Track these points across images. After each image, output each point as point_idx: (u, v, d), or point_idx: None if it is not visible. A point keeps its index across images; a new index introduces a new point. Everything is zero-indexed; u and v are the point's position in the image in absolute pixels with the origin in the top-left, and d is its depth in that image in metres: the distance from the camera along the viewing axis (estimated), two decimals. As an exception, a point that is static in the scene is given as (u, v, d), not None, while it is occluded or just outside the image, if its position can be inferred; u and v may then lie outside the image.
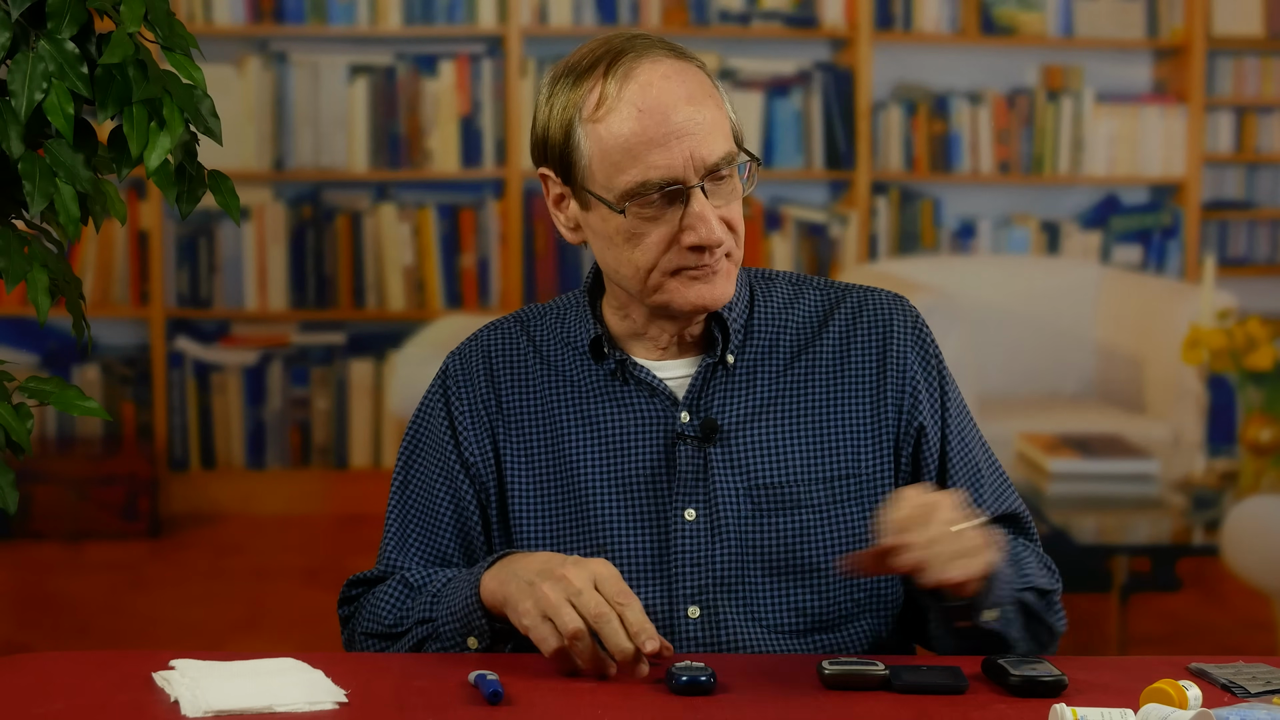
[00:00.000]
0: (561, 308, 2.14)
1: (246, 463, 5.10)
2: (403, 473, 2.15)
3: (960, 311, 4.83)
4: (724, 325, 2.06)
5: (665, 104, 1.96)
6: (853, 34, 5.14)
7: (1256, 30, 5.23)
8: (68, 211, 1.82)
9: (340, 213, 5.12)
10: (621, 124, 1.97)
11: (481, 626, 1.93)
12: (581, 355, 2.09)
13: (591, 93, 1.98)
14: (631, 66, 1.98)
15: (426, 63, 5.11)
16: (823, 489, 2.04)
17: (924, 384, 2.08)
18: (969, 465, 2.09)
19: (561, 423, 2.07)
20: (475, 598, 1.93)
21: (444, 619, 1.96)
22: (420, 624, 1.99)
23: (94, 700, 1.77)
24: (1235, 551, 4.41)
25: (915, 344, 2.09)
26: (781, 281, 2.13)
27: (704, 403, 2.05)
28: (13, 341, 4.91)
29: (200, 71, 1.87)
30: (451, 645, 1.96)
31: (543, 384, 2.10)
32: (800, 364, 2.08)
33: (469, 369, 2.12)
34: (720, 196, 1.99)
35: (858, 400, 2.07)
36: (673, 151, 1.96)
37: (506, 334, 2.13)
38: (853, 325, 2.09)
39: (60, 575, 4.87)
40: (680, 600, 2.02)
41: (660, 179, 1.96)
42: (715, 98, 2.00)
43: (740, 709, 1.76)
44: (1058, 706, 1.69)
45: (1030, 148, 5.23)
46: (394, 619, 2.03)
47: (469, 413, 2.10)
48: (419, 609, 2.00)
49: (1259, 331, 4.66)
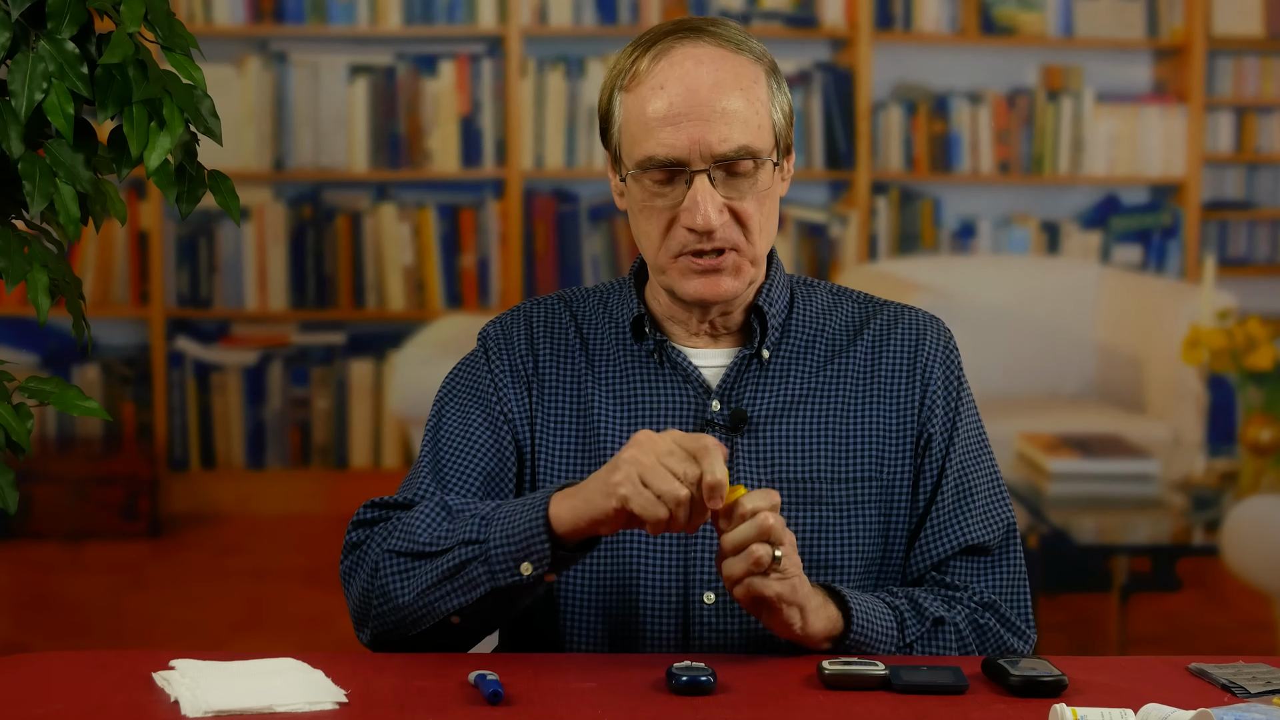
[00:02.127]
0: (605, 291, 2.18)
1: (246, 463, 5.09)
2: (437, 416, 2.14)
3: (960, 311, 4.83)
4: (763, 318, 2.08)
5: (686, 86, 2.00)
6: (853, 34, 5.14)
7: (1256, 30, 5.23)
8: (68, 211, 1.82)
9: (340, 213, 5.12)
10: (644, 98, 2.02)
11: (542, 551, 1.90)
12: (622, 334, 2.12)
13: (633, 64, 2.04)
14: (671, 45, 2.03)
15: (426, 63, 5.11)
16: (844, 488, 2.07)
17: (941, 399, 2.11)
18: (961, 488, 2.11)
19: (594, 397, 2.10)
20: (541, 520, 1.90)
21: (497, 540, 1.93)
22: (465, 544, 1.95)
23: (94, 700, 1.77)
24: (1235, 551, 4.41)
25: (943, 361, 2.13)
26: (822, 290, 2.18)
27: (736, 393, 2.08)
28: (13, 341, 4.90)
29: (200, 71, 1.87)
30: (501, 570, 1.92)
31: (580, 358, 2.12)
32: (833, 367, 2.11)
33: (509, 335, 2.14)
34: (734, 189, 2.02)
35: (885, 406, 2.10)
36: (680, 133, 1.99)
37: (549, 308, 2.16)
38: (887, 335, 2.13)
39: (60, 575, 4.87)
40: (697, 585, 2.04)
41: (665, 157, 2.00)
42: (752, 92, 2.02)
43: (740, 709, 1.76)
44: (1058, 706, 1.69)
45: (1030, 148, 5.23)
46: (430, 537, 1.98)
47: (509, 373, 2.12)
48: (464, 529, 1.96)
49: (1259, 331, 4.66)
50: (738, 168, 2.01)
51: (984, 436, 2.16)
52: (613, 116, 2.07)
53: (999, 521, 2.12)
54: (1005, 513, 2.14)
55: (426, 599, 1.97)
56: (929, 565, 2.09)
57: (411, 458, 4.99)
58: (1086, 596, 4.52)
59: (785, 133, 2.07)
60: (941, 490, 2.10)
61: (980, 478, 2.13)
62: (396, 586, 1.99)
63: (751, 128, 2.01)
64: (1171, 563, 4.41)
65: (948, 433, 2.11)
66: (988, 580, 2.10)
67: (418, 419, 4.84)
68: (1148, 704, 1.68)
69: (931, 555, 2.09)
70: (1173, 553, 4.49)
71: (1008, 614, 2.09)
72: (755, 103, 2.02)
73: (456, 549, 1.95)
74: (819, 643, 1.96)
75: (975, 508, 2.11)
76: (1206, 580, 4.67)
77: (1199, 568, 4.62)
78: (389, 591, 2.00)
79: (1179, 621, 4.64)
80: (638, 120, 2.02)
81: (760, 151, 2.02)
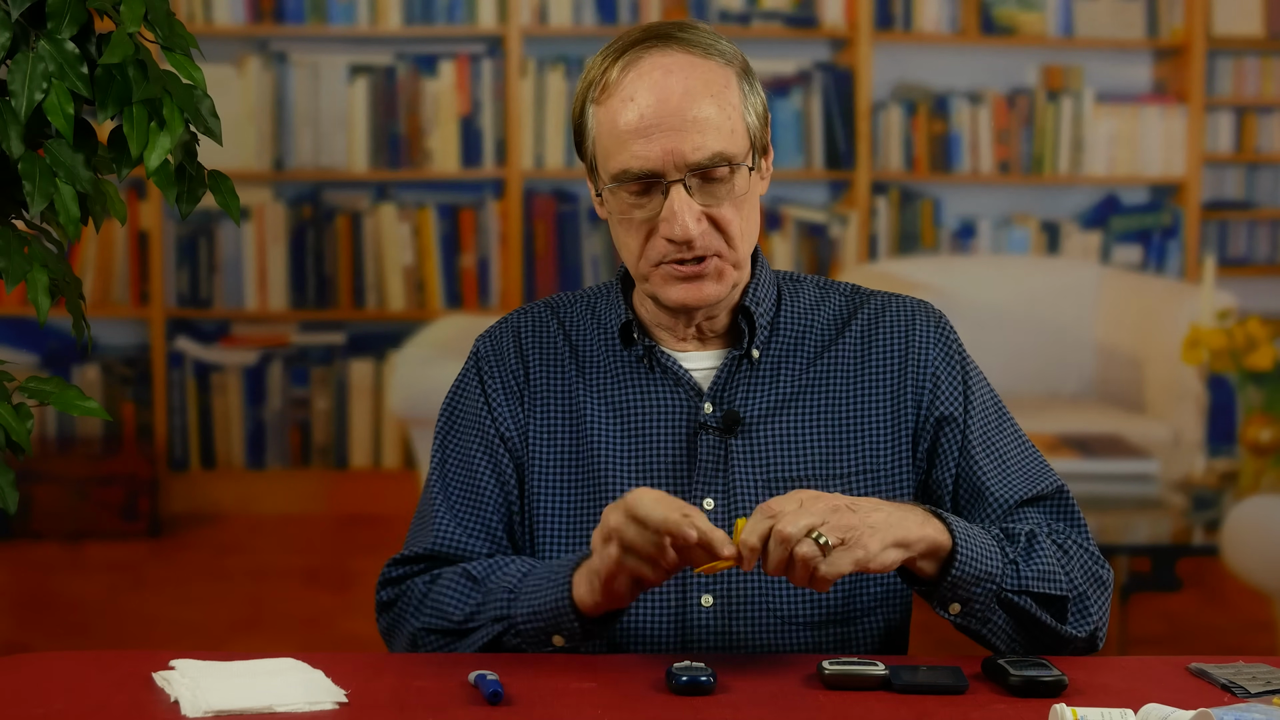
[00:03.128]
0: (593, 295, 2.16)
1: (246, 463, 5.10)
2: (440, 451, 2.14)
3: (960, 311, 4.81)
4: (751, 319, 2.07)
5: (656, 97, 1.98)
6: (853, 34, 5.14)
7: (1256, 30, 5.23)
8: (68, 211, 1.82)
9: (340, 213, 5.12)
10: (615, 110, 2.00)
11: (572, 629, 1.93)
12: (611, 340, 2.11)
13: (603, 75, 2.02)
14: (639, 55, 2.00)
15: (426, 63, 5.11)
16: (840, 484, 2.05)
17: (945, 375, 2.09)
18: (993, 451, 2.08)
19: (586, 405, 2.09)
20: (566, 600, 1.92)
21: (524, 617, 1.95)
22: (496, 621, 1.97)
23: (94, 700, 1.77)
24: (1235, 551, 4.41)
25: (937, 340, 2.10)
26: (809, 284, 2.16)
27: (728, 395, 2.07)
28: (13, 341, 4.91)
29: (200, 71, 1.87)
30: (533, 642, 1.95)
31: (570, 366, 2.11)
32: (823, 362, 2.10)
33: (499, 348, 2.14)
34: (711, 196, 2.00)
35: (877, 398, 2.08)
36: (653, 144, 1.98)
37: (536, 317, 2.15)
38: (875, 326, 2.11)
39: (60, 575, 4.87)
40: (694, 588, 2.03)
41: (639, 169, 1.98)
42: (724, 97, 2.00)
43: (740, 709, 1.76)
44: (1058, 706, 1.69)
45: (1030, 148, 5.23)
46: (461, 615, 2.00)
47: (502, 389, 2.12)
48: (493, 606, 1.98)
49: (1259, 331, 4.66)
50: (713, 174, 1.99)
51: (1002, 405, 2.13)
52: (586, 129, 2.04)
53: (1046, 477, 2.08)
54: (1051, 471, 2.10)
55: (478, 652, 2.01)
56: None
57: (411, 458, 4.99)
58: (1086, 596, 4.51)
59: (760, 133, 2.05)
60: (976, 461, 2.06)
61: (1010, 441, 2.10)
62: (441, 653, 2.03)
63: (725, 133, 1.99)
64: (1171, 563, 4.41)
65: (963, 408, 2.08)
66: (1054, 524, 2.07)
67: (418, 419, 4.84)
68: (1148, 704, 1.68)
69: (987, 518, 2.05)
70: (1173, 553, 4.49)
71: (1085, 544, 2.05)
72: (727, 107, 2.00)
73: (488, 626, 1.98)
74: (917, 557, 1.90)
75: (1012, 468, 2.07)
76: (1206, 580, 4.67)
77: (1199, 568, 4.62)
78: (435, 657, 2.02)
79: (1179, 621, 4.64)
80: (610, 133, 2.00)
81: (735, 157, 2.00)
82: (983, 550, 1.93)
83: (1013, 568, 1.97)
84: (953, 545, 1.91)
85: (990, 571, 1.93)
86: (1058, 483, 2.10)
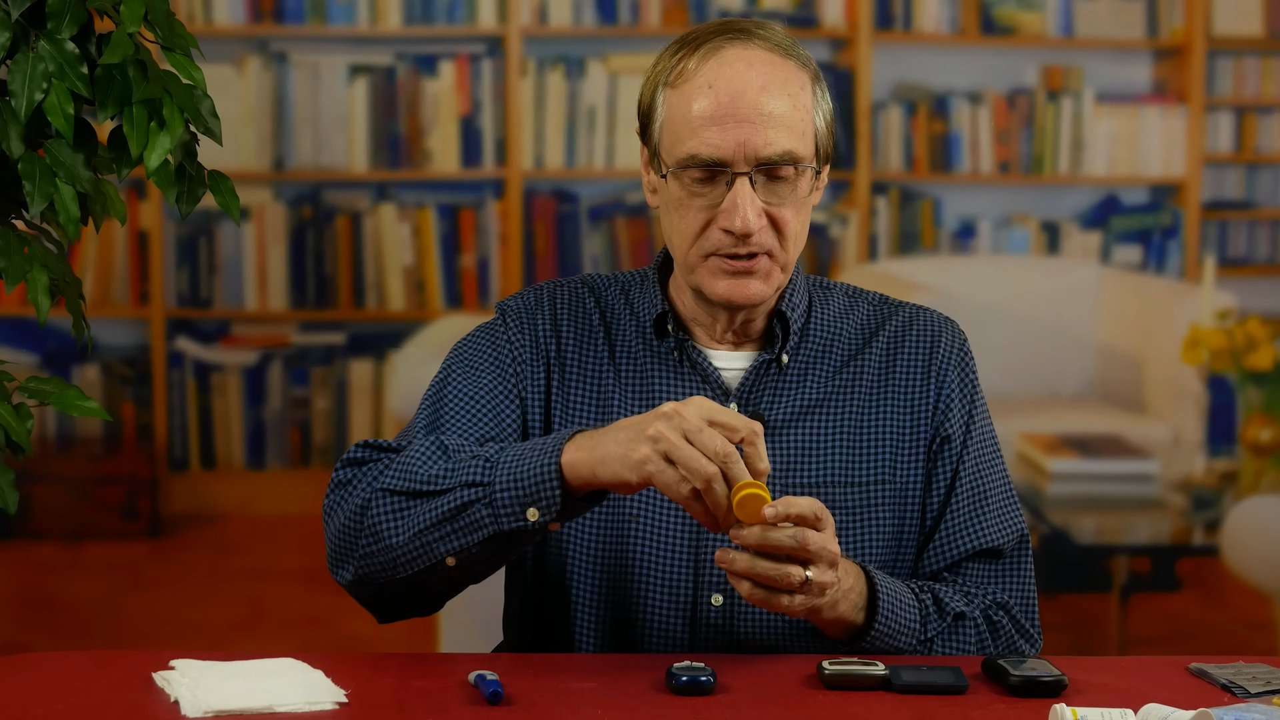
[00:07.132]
0: (626, 281, 2.17)
1: (246, 463, 5.09)
2: (443, 374, 2.11)
3: (960, 311, 4.81)
4: (785, 324, 2.08)
5: (735, 87, 2.00)
6: (853, 34, 5.14)
7: (1256, 30, 5.23)
8: (68, 211, 1.82)
9: (340, 213, 5.12)
10: (690, 96, 2.01)
11: (552, 498, 1.86)
12: (644, 329, 2.11)
13: (680, 62, 2.03)
14: (720, 46, 2.02)
15: (426, 63, 5.11)
16: (858, 493, 2.07)
17: (958, 401, 2.12)
18: (976, 489, 2.12)
19: (612, 390, 2.09)
20: (554, 466, 1.85)
21: (503, 483, 1.87)
22: (468, 486, 1.89)
23: (94, 700, 1.77)
24: (1235, 551, 4.41)
25: (958, 364, 2.14)
26: (838, 292, 2.18)
27: (754, 397, 2.09)
28: (13, 341, 4.90)
29: (200, 71, 1.87)
30: (505, 514, 1.87)
31: (603, 347, 2.11)
32: (849, 370, 2.11)
33: (532, 312, 2.13)
34: (774, 194, 2.01)
35: (899, 410, 2.11)
36: (727, 134, 1.99)
37: (573, 292, 2.15)
38: (901, 338, 2.13)
39: (60, 575, 4.87)
40: (706, 586, 2.04)
41: (709, 157, 2.00)
42: (799, 98, 2.02)
43: (740, 709, 1.76)
44: (1058, 706, 1.69)
45: (1030, 148, 5.23)
46: (428, 475, 1.92)
47: (530, 347, 2.11)
48: (466, 470, 1.90)
49: (1259, 331, 4.66)
50: (779, 172, 2.01)
51: (996, 440, 2.17)
52: (655, 112, 2.05)
53: (1013, 527, 2.13)
54: (1019, 519, 2.15)
55: (423, 540, 1.91)
56: (943, 566, 2.10)
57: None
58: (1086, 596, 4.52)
59: (826, 141, 2.06)
60: (957, 492, 2.10)
61: (994, 482, 2.14)
62: (389, 526, 1.93)
63: (796, 133, 2.01)
64: (1171, 563, 4.42)
65: (963, 434, 2.11)
66: (1001, 584, 2.11)
67: (418, 419, 4.83)
68: (1148, 704, 1.68)
69: (946, 556, 2.10)
70: (1173, 553, 4.49)
71: (1019, 617, 2.09)
72: (801, 109, 2.02)
73: (458, 490, 1.90)
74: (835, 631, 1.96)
75: (990, 511, 2.11)
76: (1206, 580, 4.67)
77: (1199, 568, 4.62)
78: (380, 530, 1.93)
79: (1179, 621, 4.64)
80: (682, 118, 2.01)
81: (803, 157, 2.01)
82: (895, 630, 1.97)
83: (925, 646, 2.01)
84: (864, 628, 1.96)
85: (897, 647, 1.99)
86: (1021, 530, 2.14)
